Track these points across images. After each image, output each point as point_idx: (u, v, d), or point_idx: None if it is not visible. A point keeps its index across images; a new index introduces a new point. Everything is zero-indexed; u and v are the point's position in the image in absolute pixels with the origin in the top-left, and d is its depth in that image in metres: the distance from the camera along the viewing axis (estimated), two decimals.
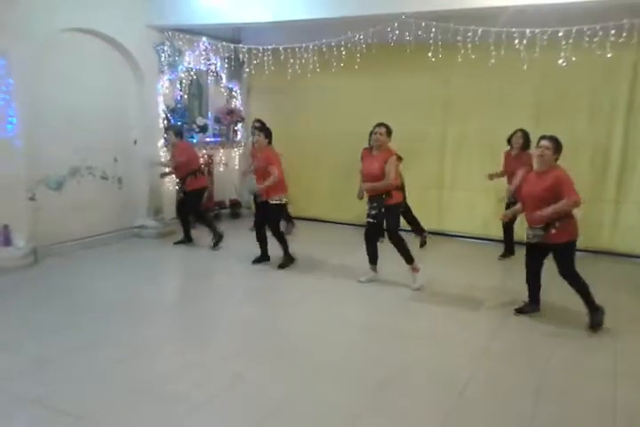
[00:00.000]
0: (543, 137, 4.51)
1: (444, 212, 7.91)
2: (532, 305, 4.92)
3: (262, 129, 6.18)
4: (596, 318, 4.56)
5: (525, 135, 6.34)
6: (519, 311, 4.90)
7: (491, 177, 6.54)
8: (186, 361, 3.90)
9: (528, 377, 3.76)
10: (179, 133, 7.02)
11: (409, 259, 5.56)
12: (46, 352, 3.93)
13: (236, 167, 9.09)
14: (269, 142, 6.06)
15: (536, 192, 4.45)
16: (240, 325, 4.67)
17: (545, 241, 4.50)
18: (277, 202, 5.99)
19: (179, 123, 7.71)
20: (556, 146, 4.43)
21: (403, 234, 5.59)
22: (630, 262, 6.73)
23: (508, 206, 6.56)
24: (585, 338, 4.44)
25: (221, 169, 8.77)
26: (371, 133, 6.76)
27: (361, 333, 4.54)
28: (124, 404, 3.30)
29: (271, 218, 6.08)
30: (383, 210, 5.37)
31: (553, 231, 4.41)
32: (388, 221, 5.45)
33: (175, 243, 7.15)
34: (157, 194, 7.60)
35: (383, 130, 5.39)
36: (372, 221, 5.47)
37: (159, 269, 6.36)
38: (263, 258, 6.35)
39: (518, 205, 4.94)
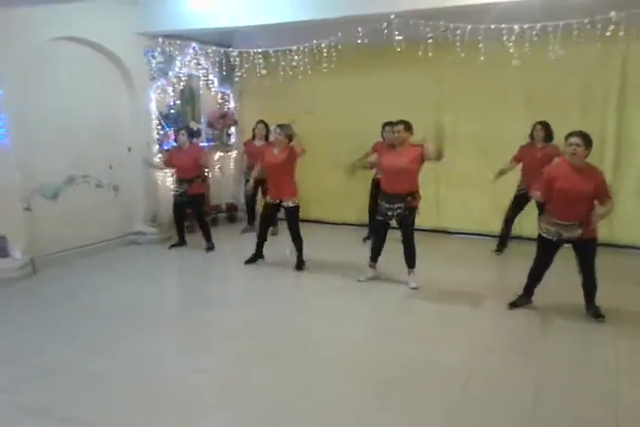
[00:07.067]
0: (572, 134, 4.44)
1: (441, 208, 7.92)
2: (525, 298, 4.94)
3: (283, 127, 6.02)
4: (597, 310, 4.61)
5: (545, 127, 6.29)
6: (513, 305, 4.92)
7: (497, 177, 6.55)
8: (191, 364, 3.91)
9: (529, 373, 3.77)
10: (192, 135, 7.05)
11: (414, 263, 5.56)
12: (48, 361, 3.93)
13: (232, 171, 9.09)
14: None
15: (578, 191, 4.37)
16: (242, 327, 4.67)
17: (578, 237, 4.48)
18: (294, 204, 5.99)
19: (171, 128, 7.72)
20: (587, 141, 4.37)
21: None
22: (630, 254, 6.77)
23: (516, 199, 6.55)
24: (586, 333, 4.45)
25: (216, 173, 8.75)
26: (382, 133, 6.81)
27: (362, 332, 4.54)
28: (130, 410, 3.31)
29: (293, 220, 6.07)
30: (406, 212, 5.33)
31: (591, 228, 4.44)
32: (407, 222, 5.41)
33: (170, 246, 7.19)
34: (154, 200, 7.60)
35: (401, 127, 5.30)
36: (383, 219, 5.46)
37: (158, 275, 6.36)
38: (257, 257, 6.35)
39: (533, 196, 4.92)
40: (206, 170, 8.00)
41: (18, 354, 4.09)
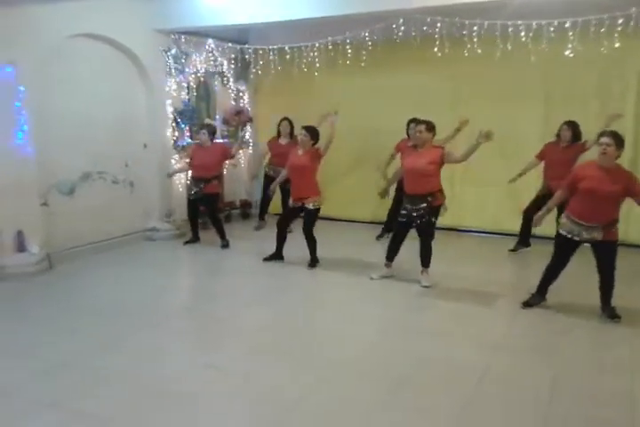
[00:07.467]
0: (603, 133, 4.39)
1: (456, 207, 7.83)
2: (538, 296, 4.89)
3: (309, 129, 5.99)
4: (613, 310, 4.56)
5: (573, 127, 6.19)
6: (526, 305, 4.87)
7: (515, 179, 6.52)
8: (201, 360, 3.92)
9: (543, 372, 3.73)
10: (213, 133, 7.11)
11: (428, 262, 5.52)
12: (61, 356, 3.96)
13: (243, 166, 9.09)
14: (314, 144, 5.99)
15: (604, 191, 4.30)
16: (254, 323, 4.67)
17: (602, 239, 4.41)
18: (315, 207, 5.97)
19: (187, 125, 7.76)
20: (618, 141, 4.29)
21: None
22: None
23: (538, 198, 6.46)
24: (601, 332, 4.41)
25: (231, 169, 8.77)
26: (407, 130, 6.78)
27: (375, 329, 4.53)
28: (140, 405, 3.32)
29: (310, 222, 6.05)
30: (428, 211, 5.28)
31: (613, 230, 4.40)
32: (428, 222, 5.35)
33: (185, 243, 7.23)
34: (168, 197, 7.65)
35: (422, 127, 5.24)
36: (405, 221, 5.41)
37: (172, 271, 6.39)
38: (277, 257, 6.36)
39: (550, 206, 4.82)
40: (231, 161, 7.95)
41: (30, 348, 4.12)
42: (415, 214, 5.32)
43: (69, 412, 3.25)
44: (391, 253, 5.67)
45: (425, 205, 5.26)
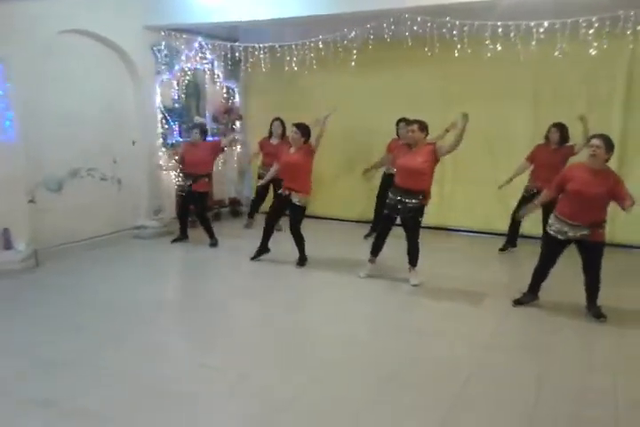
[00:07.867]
0: (594, 136, 4.47)
1: (445, 206, 7.88)
2: (530, 295, 4.94)
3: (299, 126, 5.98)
4: (599, 310, 4.61)
5: (561, 129, 6.23)
6: (518, 302, 4.92)
7: (506, 183, 6.54)
8: (195, 360, 3.92)
9: (530, 370, 3.77)
10: (205, 132, 7.11)
11: (416, 261, 5.52)
12: (53, 355, 3.94)
13: (235, 165, 9.08)
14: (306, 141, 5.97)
15: (590, 193, 4.36)
16: (243, 323, 4.68)
17: (588, 240, 4.47)
18: (300, 204, 5.95)
19: (176, 123, 7.74)
20: (608, 144, 4.37)
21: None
22: (630, 253, 6.77)
23: (525, 199, 6.48)
24: (588, 331, 4.45)
25: (220, 168, 8.74)
26: (397, 130, 6.79)
27: (365, 329, 4.55)
28: (139, 404, 3.31)
29: (296, 219, 6.03)
30: (415, 209, 5.28)
31: (600, 231, 4.47)
32: (414, 220, 5.35)
33: (172, 241, 7.18)
34: (157, 194, 7.61)
35: (415, 127, 5.25)
36: (389, 213, 5.43)
37: (161, 269, 6.36)
38: (263, 251, 6.32)
39: (537, 202, 4.90)
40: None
41: (22, 347, 4.08)
42: (401, 207, 5.31)
43: (68, 411, 3.23)
44: (375, 249, 5.68)
45: (416, 200, 5.26)
